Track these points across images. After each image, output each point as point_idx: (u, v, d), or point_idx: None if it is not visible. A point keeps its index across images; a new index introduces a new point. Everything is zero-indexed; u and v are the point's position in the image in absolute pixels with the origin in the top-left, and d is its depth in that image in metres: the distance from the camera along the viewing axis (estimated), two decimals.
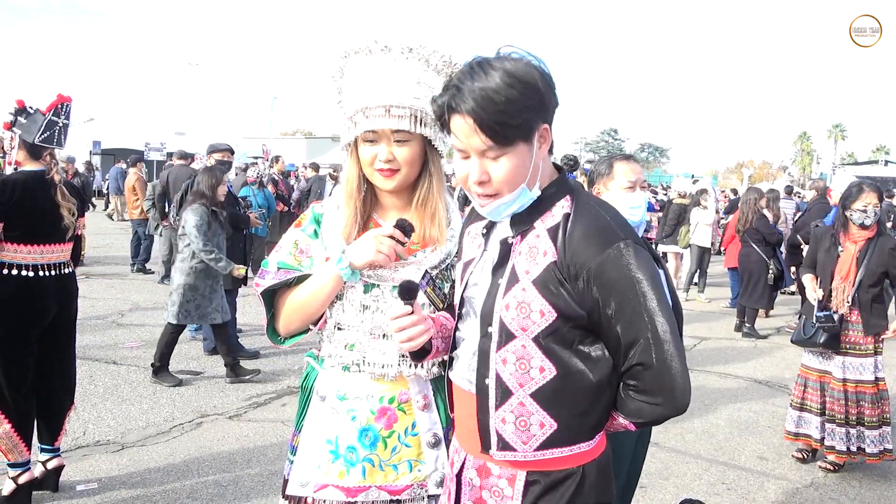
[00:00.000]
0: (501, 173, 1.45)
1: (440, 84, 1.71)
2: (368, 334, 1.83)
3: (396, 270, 1.82)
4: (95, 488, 3.83)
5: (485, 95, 1.39)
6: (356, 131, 1.78)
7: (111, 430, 4.70)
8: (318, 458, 1.85)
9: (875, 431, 4.35)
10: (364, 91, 1.77)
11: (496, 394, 1.53)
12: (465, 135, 1.44)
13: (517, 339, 1.50)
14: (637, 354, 1.45)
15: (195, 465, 4.20)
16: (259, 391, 5.66)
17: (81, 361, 5.84)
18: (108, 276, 10.80)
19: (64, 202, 3.57)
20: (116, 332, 7.34)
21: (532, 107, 1.41)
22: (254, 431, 4.77)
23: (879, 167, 33.41)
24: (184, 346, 6.91)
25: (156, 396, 5.41)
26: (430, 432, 1.87)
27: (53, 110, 3.53)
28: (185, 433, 4.71)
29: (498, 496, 1.58)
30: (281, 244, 1.93)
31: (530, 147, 1.46)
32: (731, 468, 4.54)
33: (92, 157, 30.98)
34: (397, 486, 1.84)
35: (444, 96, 1.46)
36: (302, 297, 1.84)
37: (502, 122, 1.39)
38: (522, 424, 1.51)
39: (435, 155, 1.85)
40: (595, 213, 1.51)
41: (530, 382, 1.50)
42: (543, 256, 1.48)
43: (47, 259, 3.54)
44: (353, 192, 1.85)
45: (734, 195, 18.65)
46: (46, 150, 3.56)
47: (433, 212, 1.86)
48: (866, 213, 4.35)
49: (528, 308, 1.48)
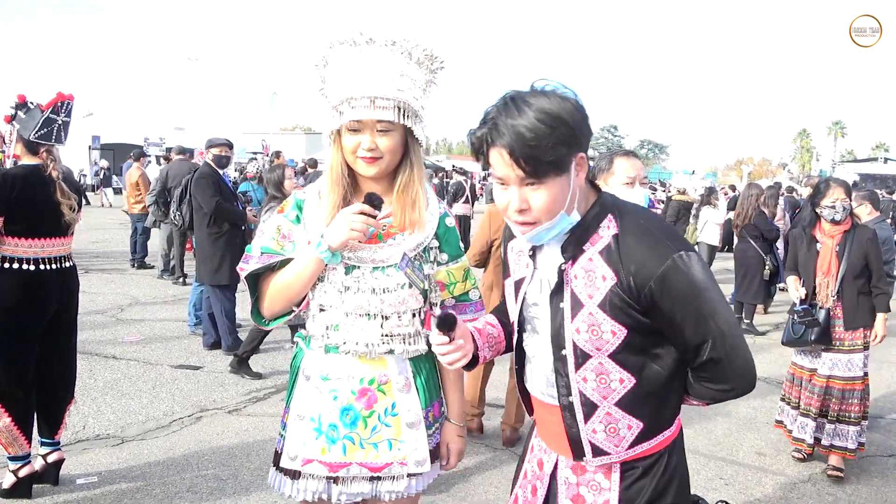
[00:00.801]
0: (541, 202, 1.50)
1: (422, 77, 1.87)
2: (350, 314, 1.90)
3: (376, 252, 1.91)
4: (95, 482, 3.84)
5: (519, 133, 1.44)
6: (341, 121, 1.84)
7: (111, 424, 4.71)
8: (304, 434, 1.96)
9: (856, 427, 4.35)
10: (349, 82, 1.83)
11: (583, 409, 1.63)
12: (502, 166, 1.50)
13: (594, 358, 1.59)
14: (707, 352, 1.56)
15: (195, 459, 4.21)
16: (258, 386, 5.67)
17: (81, 356, 5.85)
18: (108, 270, 10.80)
19: (63, 199, 3.57)
20: (116, 327, 7.34)
21: (565, 141, 1.46)
22: (253, 426, 4.79)
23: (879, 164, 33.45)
24: (183, 340, 6.94)
25: (155, 391, 5.42)
26: (409, 413, 1.96)
27: (52, 108, 3.52)
28: (184, 427, 4.72)
29: (595, 490, 1.69)
30: (264, 229, 2.00)
31: (567, 176, 1.51)
32: (729, 464, 4.56)
33: (91, 151, 30.94)
34: (377, 464, 1.94)
35: (481, 130, 1.52)
36: (285, 281, 1.91)
37: (536, 157, 1.44)
38: (612, 431, 1.63)
39: (415, 144, 1.93)
40: (642, 229, 1.56)
41: (612, 394, 1.61)
42: (603, 281, 1.55)
43: (48, 252, 3.54)
44: (336, 179, 1.92)
45: (732, 192, 18.66)
46: (42, 146, 3.56)
47: (414, 198, 1.93)
48: (835, 209, 4.39)
49: (599, 330, 1.56)
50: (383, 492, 1.96)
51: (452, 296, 2.03)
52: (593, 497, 1.68)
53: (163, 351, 6.55)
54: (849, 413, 4.35)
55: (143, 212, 11.01)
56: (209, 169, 6.56)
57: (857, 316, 4.38)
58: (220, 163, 6.63)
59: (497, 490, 3.94)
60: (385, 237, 1.93)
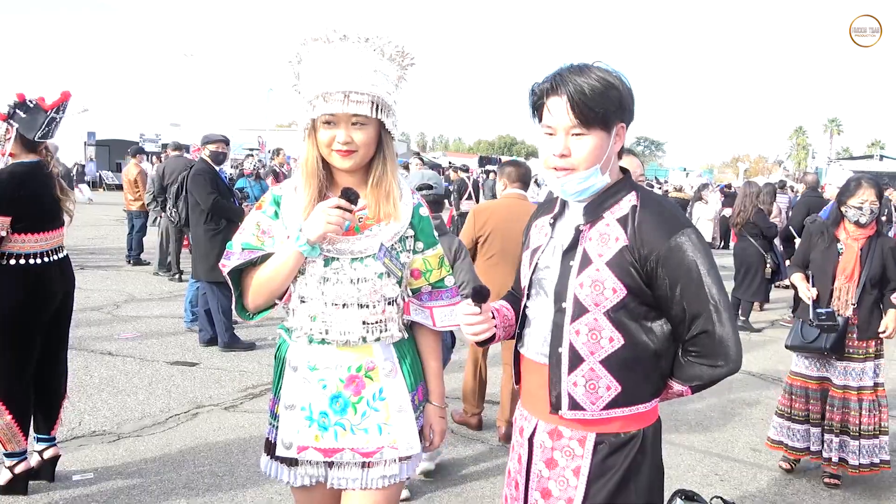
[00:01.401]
0: (582, 150, 1.70)
1: (394, 72, 1.95)
2: (330, 305, 1.95)
3: (354, 243, 1.96)
4: (91, 478, 3.83)
5: (579, 84, 1.66)
6: (314, 114, 1.90)
7: (107, 420, 4.71)
8: (296, 423, 2.01)
9: (872, 441, 4.07)
10: (324, 77, 1.88)
11: (569, 360, 1.73)
12: (557, 112, 1.70)
13: (589, 313, 1.71)
14: (700, 324, 1.69)
15: (191, 456, 4.21)
16: (254, 382, 5.67)
17: (77, 352, 5.87)
18: (104, 267, 10.78)
19: (64, 196, 3.62)
20: (112, 324, 7.33)
21: (614, 104, 1.68)
22: (249, 422, 4.79)
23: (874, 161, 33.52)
24: (179, 337, 6.93)
25: (151, 387, 5.41)
26: (397, 397, 2.02)
27: (56, 108, 3.53)
28: (181, 424, 4.72)
29: (569, 455, 1.78)
30: (244, 226, 2.05)
31: (607, 136, 1.71)
32: (725, 459, 4.57)
33: (87, 147, 30.82)
34: (368, 449, 2.00)
35: (546, 82, 1.72)
36: (267, 275, 1.96)
37: (588, 107, 1.66)
38: (592, 387, 1.72)
39: (388, 138, 1.99)
40: (659, 206, 1.76)
41: (600, 350, 1.72)
42: (615, 242, 1.71)
43: (50, 245, 3.56)
44: (311, 173, 1.98)
45: (729, 189, 18.69)
46: (42, 143, 3.57)
47: (388, 191, 1.99)
48: (861, 211, 4.03)
49: (601, 286, 1.70)
50: (375, 478, 2.01)
51: (429, 283, 2.10)
52: (566, 461, 1.77)
53: (159, 347, 6.54)
54: (860, 424, 4.06)
55: (140, 209, 10.99)
56: (206, 165, 6.54)
57: (871, 325, 4.10)
58: (216, 159, 6.62)
59: (493, 486, 3.95)
60: (362, 228, 1.98)
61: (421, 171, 9.54)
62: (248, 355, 6.42)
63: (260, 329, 7.11)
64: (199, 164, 6.68)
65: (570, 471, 1.76)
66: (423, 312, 2.09)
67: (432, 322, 2.09)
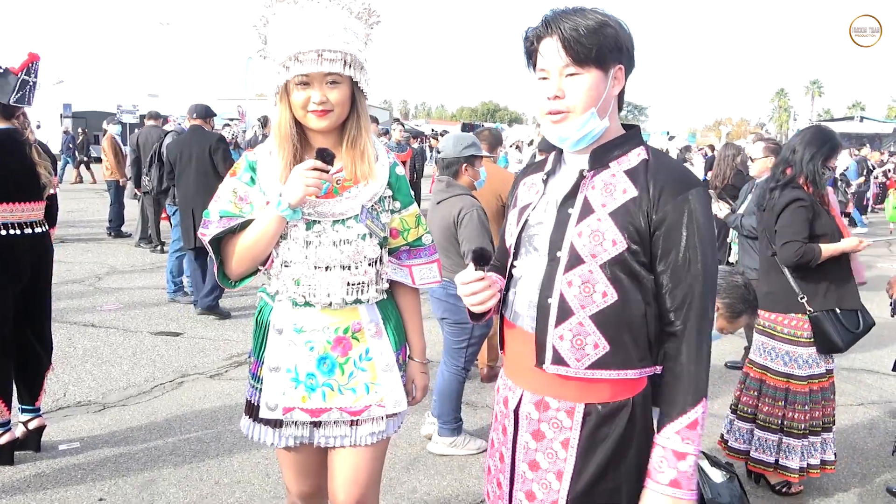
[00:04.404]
0: (575, 90, 1.60)
1: (363, 30, 1.94)
2: (313, 268, 1.95)
3: (334, 205, 1.96)
4: (78, 447, 3.85)
5: (571, 23, 1.59)
6: (288, 75, 1.87)
7: (91, 390, 4.72)
8: (282, 385, 2.01)
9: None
10: (295, 37, 1.86)
11: (557, 312, 1.64)
12: (549, 53, 1.61)
13: (585, 265, 1.62)
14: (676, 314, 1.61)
15: (177, 423, 4.23)
16: (239, 350, 5.68)
17: (59, 325, 5.85)
18: (84, 239, 10.69)
19: (40, 160, 3.55)
20: (94, 296, 7.30)
21: (608, 41, 1.59)
22: (235, 389, 4.81)
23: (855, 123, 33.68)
24: (162, 307, 6.92)
25: (136, 357, 5.42)
26: (382, 357, 2.04)
27: (25, 69, 3.46)
28: (166, 393, 4.73)
29: (556, 427, 1.69)
30: (219, 194, 2.03)
31: (604, 78, 1.61)
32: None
33: (63, 120, 30.29)
34: (356, 408, 2.02)
35: (539, 26, 1.65)
36: (249, 241, 1.96)
37: (580, 43, 1.57)
38: (578, 343, 1.63)
39: (361, 97, 1.98)
40: (671, 162, 1.69)
41: (591, 305, 1.62)
42: (623, 194, 1.62)
43: (18, 217, 3.48)
44: (285, 136, 1.96)
45: (711, 151, 18.72)
46: (19, 109, 3.51)
47: (362, 150, 1.99)
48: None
49: (601, 236, 1.61)
50: (364, 435, 2.04)
51: (406, 242, 2.11)
52: (553, 433, 1.69)
53: (142, 318, 6.53)
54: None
55: (111, 178, 10.97)
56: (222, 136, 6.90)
57: None
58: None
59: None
60: (341, 190, 1.98)
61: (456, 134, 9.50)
62: (231, 324, 6.43)
63: (234, 300, 7.12)
64: (217, 134, 6.93)
65: (559, 443, 1.69)
66: (402, 271, 2.11)
67: (411, 280, 2.11)
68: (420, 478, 3.70)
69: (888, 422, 4.61)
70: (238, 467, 3.71)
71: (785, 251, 3.37)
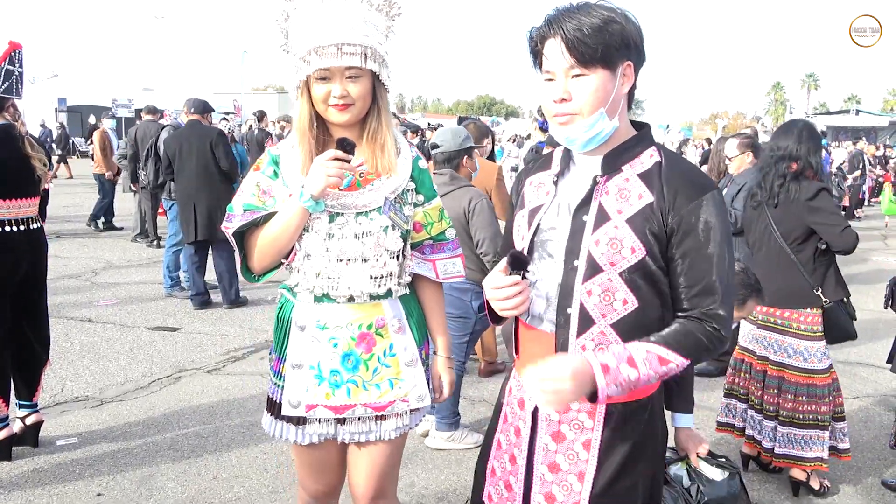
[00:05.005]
0: (582, 92, 1.56)
1: (383, 23, 1.92)
2: (335, 261, 1.94)
3: (357, 198, 1.96)
4: (76, 442, 3.86)
5: (574, 23, 1.54)
6: (309, 69, 1.87)
7: (89, 386, 4.72)
8: (305, 382, 2.00)
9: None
10: (314, 31, 1.86)
11: (578, 322, 1.62)
12: (553, 54, 1.57)
13: (604, 273, 1.59)
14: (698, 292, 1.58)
15: (175, 419, 4.24)
16: (237, 345, 5.69)
17: (56, 320, 5.84)
18: (80, 235, 10.67)
19: (34, 153, 3.53)
20: (91, 291, 7.29)
21: (615, 38, 1.54)
22: (233, 384, 4.82)
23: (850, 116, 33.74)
24: (159, 302, 6.92)
25: (133, 353, 5.42)
26: (406, 353, 2.05)
27: (8, 59, 3.42)
28: (163, 388, 4.74)
29: (578, 428, 1.68)
30: (243, 188, 2.03)
31: (612, 77, 1.57)
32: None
33: (58, 114, 30.17)
34: (380, 403, 2.02)
35: (542, 26, 1.60)
36: (272, 234, 1.95)
37: (585, 43, 1.53)
38: (601, 351, 1.60)
39: (382, 90, 1.98)
40: (686, 165, 1.65)
41: (612, 314, 1.61)
42: (639, 199, 1.59)
43: (15, 214, 3.48)
44: (305, 130, 1.97)
45: (708, 145, 18.74)
46: (8, 101, 3.49)
47: (382, 143, 1.99)
48: None
49: (619, 244, 1.58)
50: (389, 430, 2.04)
51: (430, 235, 2.10)
52: (574, 435, 1.68)
53: (139, 313, 6.53)
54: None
55: (97, 171, 11.02)
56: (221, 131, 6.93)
57: None
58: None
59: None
60: (364, 183, 1.98)
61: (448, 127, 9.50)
62: (228, 319, 6.43)
63: (241, 294, 7.12)
64: (216, 129, 6.94)
65: (580, 444, 1.67)
66: (426, 265, 2.10)
67: (435, 274, 2.10)
68: (418, 472, 3.71)
69: (883, 415, 4.64)
70: (236, 462, 3.72)
71: (848, 237, 3.37)
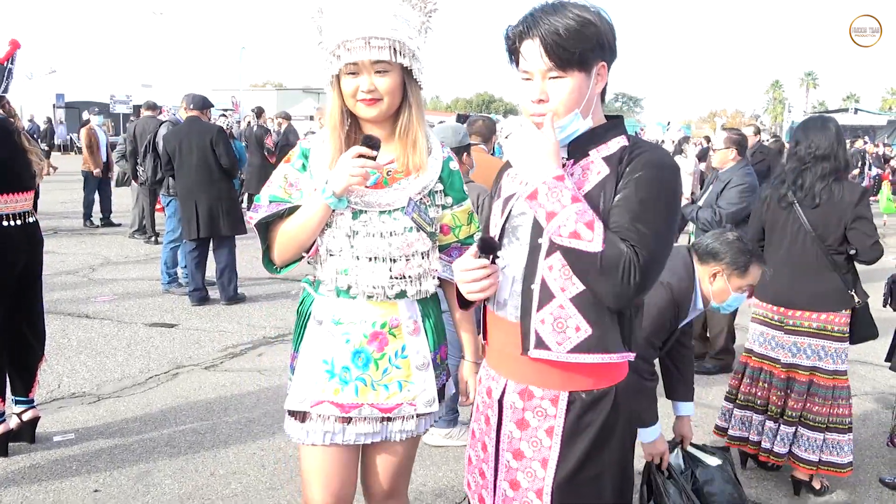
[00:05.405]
0: (558, 93, 1.62)
1: (415, 17, 1.90)
2: (359, 258, 1.93)
3: (381, 196, 1.94)
4: (73, 438, 3.85)
5: (552, 25, 1.58)
6: (339, 64, 1.86)
7: (86, 382, 4.70)
8: (315, 376, 1.99)
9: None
10: (344, 26, 1.86)
11: (539, 297, 1.65)
12: (531, 56, 1.62)
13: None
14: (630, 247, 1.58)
15: (172, 415, 4.23)
16: (235, 342, 5.68)
17: (53, 316, 5.83)
18: (77, 231, 10.65)
19: (31, 147, 3.54)
20: (88, 287, 7.27)
21: (591, 41, 1.59)
22: (230, 381, 4.81)
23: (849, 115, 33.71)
24: (157, 299, 6.90)
25: (130, 349, 5.40)
26: (419, 355, 2.01)
27: (11, 59, 3.44)
28: (161, 384, 4.73)
29: (541, 416, 1.71)
30: (272, 179, 2.03)
31: (587, 78, 1.63)
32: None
33: (55, 110, 30.12)
34: (388, 405, 1.99)
35: (519, 26, 1.64)
36: (294, 227, 1.95)
37: (563, 47, 1.58)
38: (559, 326, 1.65)
39: (414, 86, 1.95)
40: (650, 146, 1.69)
41: (571, 287, 1.63)
42: (597, 175, 1.65)
43: (12, 209, 3.47)
44: (336, 125, 1.95)
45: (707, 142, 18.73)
46: (4, 98, 3.48)
47: (414, 140, 1.96)
48: None
49: None
50: (394, 432, 2.02)
51: (457, 239, 2.08)
52: (538, 422, 1.71)
53: (137, 310, 6.51)
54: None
55: (84, 168, 11.02)
56: (221, 127, 6.89)
57: None
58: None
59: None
60: (391, 181, 1.96)
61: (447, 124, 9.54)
62: (226, 315, 6.42)
63: (239, 290, 7.10)
64: (216, 126, 6.95)
65: (543, 431, 1.70)
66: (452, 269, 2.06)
67: None
68: (416, 468, 3.69)
69: (881, 413, 4.64)
70: (233, 458, 3.71)
71: (876, 250, 3.38)
